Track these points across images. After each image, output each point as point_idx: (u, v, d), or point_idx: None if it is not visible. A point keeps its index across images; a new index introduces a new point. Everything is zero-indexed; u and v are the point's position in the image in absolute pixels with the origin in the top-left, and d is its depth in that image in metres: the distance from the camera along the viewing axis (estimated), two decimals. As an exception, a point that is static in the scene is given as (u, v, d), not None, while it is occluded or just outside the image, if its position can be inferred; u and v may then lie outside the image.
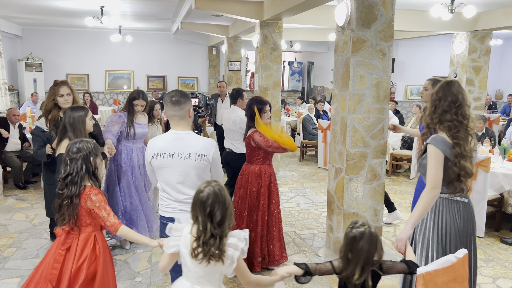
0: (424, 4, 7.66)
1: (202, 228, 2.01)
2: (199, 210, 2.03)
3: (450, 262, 2.37)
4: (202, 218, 2.02)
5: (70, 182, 2.55)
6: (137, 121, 4.55)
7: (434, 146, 2.62)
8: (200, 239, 2.01)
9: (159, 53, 14.39)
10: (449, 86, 2.70)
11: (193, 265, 2.07)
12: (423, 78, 14.41)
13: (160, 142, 2.70)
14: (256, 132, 3.94)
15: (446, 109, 2.67)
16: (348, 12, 4.13)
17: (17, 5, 8.79)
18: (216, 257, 2.01)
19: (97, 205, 2.55)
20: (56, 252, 2.56)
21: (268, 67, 7.81)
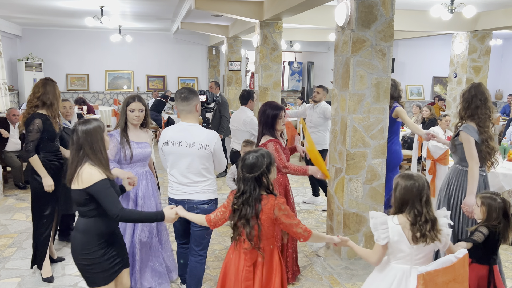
0: (424, 4, 7.66)
1: (418, 214, 2.34)
2: (414, 200, 2.35)
3: (450, 262, 2.37)
4: (418, 206, 2.35)
5: (245, 202, 2.42)
6: (135, 139, 3.49)
7: (467, 134, 3.41)
8: (416, 224, 2.33)
9: (159, 53, 14.39)
10: (480, 86, 3.50)
11: (411, 249, 2.38)
12: (423, 78, 14.55)
13: (170, 132, 3.16)
14: (272, 141, 3.61)
15: (478, 105, 3.45)
16: (348, 12, 4.13)
17: (17, 5, 8.79)
18: (432, 238, 2.33)
19: (286, 213, 2.44)
20: (244, 269, 2.47)
21: (268, 67, 7.81)
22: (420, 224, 2.33)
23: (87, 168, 2.53)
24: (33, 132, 3.68)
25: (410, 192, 2.35)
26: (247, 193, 2.41)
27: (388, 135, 4.43)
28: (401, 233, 2.37)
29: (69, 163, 2.58)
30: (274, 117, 3.65)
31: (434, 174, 5.62)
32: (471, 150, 3.40)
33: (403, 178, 2.41)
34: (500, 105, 13.21)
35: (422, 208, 2.35)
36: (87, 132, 2.54)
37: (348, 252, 4.44)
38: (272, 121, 3.65)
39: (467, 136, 3.42)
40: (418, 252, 2.39)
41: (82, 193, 2.53)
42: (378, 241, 2.40)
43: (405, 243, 2.37)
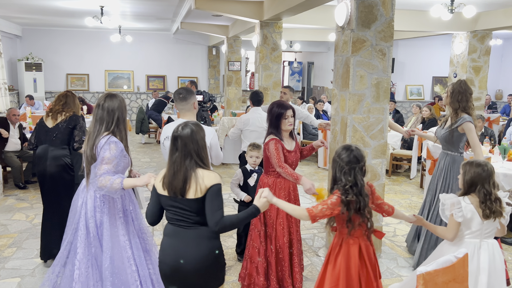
0: (424, 4, 7.66)
1: (487, 193, 2.70)
2: (484, 182, 2.71)
3: (450, 262, 2.38)
4: (488, 187, 2.72)
5: (359, 192, 2.51)
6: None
7: (471, 123, 3.94)
8: (486, 202, 2.69)
9: (159, 53, 14.39)
10: (467, 82, 4.09)
11: (481, 224, 2.74)
12: (423, 78, 14.55)
13: (171, 128, 3.27)
14: (273, 140, 3.50)
15: (468, 98, 4.04)
16: (348, 12, 4.13)
17: (17, 5, 8.79)
18: (500, 214, 2.72)
19: (377, 195, 2.75)
20: (357, 263, 2.56)
21: (268, 67, 7.82)
22: (490, 203, 2.69)
23: (202, 171, 2.38)
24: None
25: (480, 176, 2.72)
26: (359, 184, 2.52)
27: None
28: (474, 211, 2.72)
29: (172, 172, 2.37)
30: (278, 116, 3.53)
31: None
32: (476, 138, 3.92)
33: (472, 165, 2.77)
34: (500, 105, 13.22)
35: (491, 189, 2.72)
36: (192, 137, 2.39)
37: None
38: (277, 121, 3.55)
39: (471, 126, 3.91)
40: (487, 227, 2.76)
41: (204, 200, 2.36)
42: (456, 218, 2.73)
43: (477, 220, 2.73)
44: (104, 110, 2.95)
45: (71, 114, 4.20)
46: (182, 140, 2.36)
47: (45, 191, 4.09)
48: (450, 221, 2.78)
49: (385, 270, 4.23)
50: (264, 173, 3.68)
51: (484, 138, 6.90)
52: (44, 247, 4.14)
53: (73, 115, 4.21)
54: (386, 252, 4.63)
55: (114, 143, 2.90)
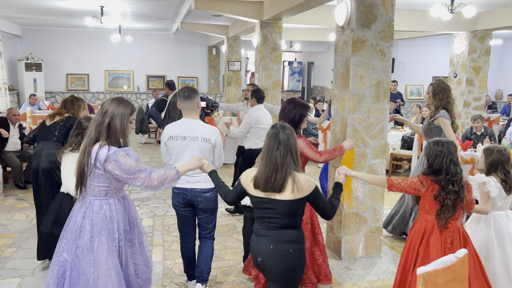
0: (424, 4, 7.66)
1: (506, 173, 3.22)
2: (503, 163, 3.22)
3: (450, 262, 2.38)
4: (507, 167, 3.22)
5: (459, 182, 2.80)
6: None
7: (446, 118, 4.30)
8: (507, 180, 3.21)
9: (159, 53, 14.39)
10: (445, 81, 4.55)
11: (505, 198, 3.23)
12: (423, 78, 14.56)
13: (174, 128, 3.41)
14: (300, 138, 3.54)
15: (448, 95, 4.42)
16: (348, 12, 4.13)
17: (17, 5, 8.79)
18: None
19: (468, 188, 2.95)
20: (445, 248, 2.82)
21: (268, 67, 7.82)
22: (510, 180, 3.21)
23: (299, 175, 2.47)
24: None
25: (500, 159, 3.22)
26: (460, 174, 2.83)
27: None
28: (500, 187, 3.19)
29: (273, 170, 2.43)
30: (302, 117, 3.59)
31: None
32: (451, 131, 4.30)
33: (493, 150, 3.26)
34: (500, 105, 13.21)
35: (509, 169, 3.23)
36: (293, 137, 2.52)
37: (348, 252, 4.44)
38: (299, 120, 3.59)
39: (446, 121, 4.30)
40: (508, 200, 3.26)
41: (302, 201, 2.48)
42: (492, 194, 3.16)
43: (502, 195, 3.20)
44: (102, 115, 2.60)
45: (69, 115, 4.30)
46: (284, 140, 2.47)
47: (37, 187, 4.15)
48: (485, 198, 3.21)
49: (385, 270, 4.23)
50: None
51: (484, 138, 6.90)
52: (40, 246, 4.14)
53: (70, 116, 4.30)
54: (386, 252, 4.63)
55: (120, 152, 2.53)
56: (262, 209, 2.51)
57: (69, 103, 4.37)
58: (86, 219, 2.61)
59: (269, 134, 2.53)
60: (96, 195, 2.63)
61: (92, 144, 2.56)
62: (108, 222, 2.63)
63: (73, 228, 2.64)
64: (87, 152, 2.55)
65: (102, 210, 2.62)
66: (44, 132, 4.27)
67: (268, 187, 2.43)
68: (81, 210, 2.64)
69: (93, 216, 2.61)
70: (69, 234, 2.66)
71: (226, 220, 5.48)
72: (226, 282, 3.92)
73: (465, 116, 8.98)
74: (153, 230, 5.13)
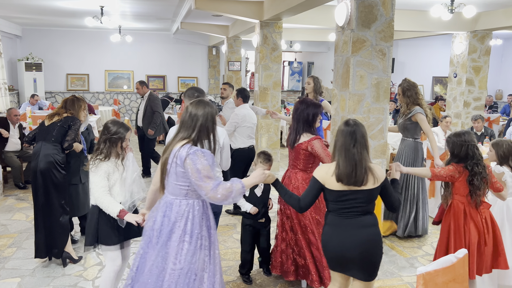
0: (424, 4, 7.66)
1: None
2: (511, 157, 3.60)
3: (450, 262, 2.38)
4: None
5: (480, 164, 3.27)
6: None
7: (422, 114, 4.73)
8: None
9: (159, 53, 14.39)
10: (410, 80, 4.93)
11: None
12: (423, 78, 14.57)
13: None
14: (317, 139, 3.62)
15: (416, 91, 4.84)
16: (348, 12, 4.13)
17: (17, 5, 8.79)
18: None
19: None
20: (483, 222, 3.31)
21: (268, 67, 7.81)
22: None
23: (372, 165, 2.76)
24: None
25: (510, 150, 3.59)
26: (481, 156, 3.31)
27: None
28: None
29: (353, 164, 2.65)
30: (315, 115, 3.68)
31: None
32: (427, 126, 4.70)
33: (503, 144, 3.62)
34: (500, 105, 13.21)
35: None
36: (363, 135, 2.74)
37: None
38: (313, 119, 3.68)
39: (422, 117, 4.70)
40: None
41: (379, 188, 2.76)
42: (509, 183, 3.57)
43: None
44: (192, 118, 2.66)
45: (68, 115, 4.27)
46: (359, 133, 2.68)
47: (35, 188, 4.14)
48: (502, 186, 3.52)
49: (385, 270, 4.23)
50: (292, 169, 3.75)
51: (484, 138, 6.90)
52: (37, 245, 4.15)
53: (69, 116, 4.26)
54: (386, 252, 4.62)
55: (200, 151, 2.56)
56: (344, 201, 2.70)
57: (70, 103, 4.33)
58: (165, 217, 2.64)
59: (344, 132, 2.71)
60: (176, 194, 2.64)
61: (177, 142, 2.63)
62: (186, 221, 2.63)
63: (153, 226, 2.68)
64: (169, 149, 2.63)
65: (181, 210, 2.63)
66: (43, 132, 4.24)
67: (351, 182, 2.65)
68: (161, 208, 2.68)
69: (171, 215, 2.62)
70: (149, 232, 2.70)
71: (226, 220, 5.48)
72: (226, 282, 3.92)
73: (465, 116, 8.98)
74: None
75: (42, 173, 4.07)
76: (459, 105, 9.06)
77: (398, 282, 3.99)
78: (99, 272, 4.09)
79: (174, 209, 2.63)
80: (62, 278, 3.96)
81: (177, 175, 2.59)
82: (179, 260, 2.58)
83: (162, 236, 2.62)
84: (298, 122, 3.69)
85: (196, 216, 2.64)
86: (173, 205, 2.63)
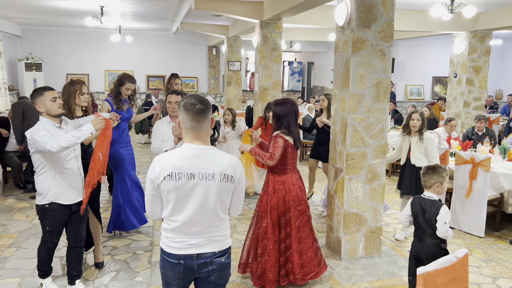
0: (424, 4, 7.66)
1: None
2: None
3: (450, 262, 2.38)
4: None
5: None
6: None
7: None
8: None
9: (159, 53, 14.40)
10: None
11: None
12: (423, 78, 14.56)
13: (174, 159, 2.16)
14: (279, 136, 3.72)
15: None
16: (348, 12, 4.13)
17: (17, 5, 8.79)
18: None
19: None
20: None
21: (268, 67, 7.82)
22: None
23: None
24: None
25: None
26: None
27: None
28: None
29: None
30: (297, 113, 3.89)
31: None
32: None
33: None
34: (500, 105, 13.21)
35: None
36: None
37: (348, 252, 4.44)
38: (296, 118, 3.87)
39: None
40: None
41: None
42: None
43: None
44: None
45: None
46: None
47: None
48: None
49: (385, 270, 4.23)
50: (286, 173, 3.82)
51: (484, 138, 6.90)
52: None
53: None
54: (386, 252, 4.62)
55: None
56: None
57: (63, 90, 3.88)
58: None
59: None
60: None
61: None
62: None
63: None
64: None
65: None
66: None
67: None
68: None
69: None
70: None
71: (226, 220, 5.48)
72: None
73: (465, 116, 8.98)
74: (153, 230, 5.13)
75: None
76: (459, 105, 9.06)
77: (398, 282, 3.99)
78: (99, 272, 4.08)
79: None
80: (63, 278, 3.96)
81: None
82: None
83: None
84: (277, 122, 3.86)
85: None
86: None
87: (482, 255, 4.63)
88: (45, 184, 3.34)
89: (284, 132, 3.73)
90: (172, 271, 2.25)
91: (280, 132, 3.74)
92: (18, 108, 6.38)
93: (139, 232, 5.05)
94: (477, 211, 5.01)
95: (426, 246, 3.14)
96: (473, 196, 5.01)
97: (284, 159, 3.72)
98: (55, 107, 3.33)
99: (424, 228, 3.14)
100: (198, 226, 2.21)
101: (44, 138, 3.15)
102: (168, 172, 2.12)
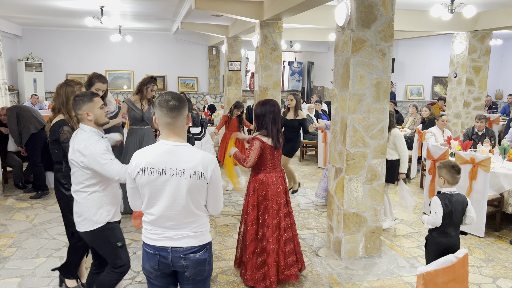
0: (424, 4, 7.66)
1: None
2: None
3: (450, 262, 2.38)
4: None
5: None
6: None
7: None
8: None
9: (159, 53, 14.40)
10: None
11: None
12: (423, 78, 14.56)
13: (148, 155, 2.26)
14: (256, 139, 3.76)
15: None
16: (348, 12, 4.13)
17: (17, 5, 8.79)
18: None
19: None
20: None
21: (268, 67, 7.82)
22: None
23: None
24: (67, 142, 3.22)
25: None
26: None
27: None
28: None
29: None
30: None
31: (434, 174, 5.63)
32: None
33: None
34: (500, 105, 13.22)
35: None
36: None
37: (348, 252, 4.44)
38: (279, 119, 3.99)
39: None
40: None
41: None
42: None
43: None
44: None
45: (57, 120, 3.41)
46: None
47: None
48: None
49: (385, 270, 4.23)
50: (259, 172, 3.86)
51: (484, 138, 6.90)
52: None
53: (58, 121, 3.40)
54: (386, 252, 4.62)
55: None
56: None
57: (55, 94, 3.50)
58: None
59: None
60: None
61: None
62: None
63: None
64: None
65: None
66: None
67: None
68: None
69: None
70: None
71: (226, 220, 5.48)
72: (226, 282, 3.92)
73: (465, 116, 8.98)
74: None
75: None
76: (459, 105, 9.06)
77: (398, 282, 3.99)
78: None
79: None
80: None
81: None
82: None
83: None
84: (258, 122, 3.89)
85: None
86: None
87: (482, 255, 4.63)
88: (97, 203, 2.90)
89: (263, 133, 3.75)
90: (149, 262, 2.34)
91: (259, 133, 3.77)
92: (12, 113, 6.36)
93: (139, 232, 5.06)
94: (477, 211, 5.01)
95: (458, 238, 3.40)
96: (473, 196, 5.01)
97: (262, 160, 3.76)
98: (103, 115, 2.97)
99: (457, 223, 3.36)
100: (171, 221, 2.28)
101: (112, 164, 2.77)
102: (142, 167, 2.24)
